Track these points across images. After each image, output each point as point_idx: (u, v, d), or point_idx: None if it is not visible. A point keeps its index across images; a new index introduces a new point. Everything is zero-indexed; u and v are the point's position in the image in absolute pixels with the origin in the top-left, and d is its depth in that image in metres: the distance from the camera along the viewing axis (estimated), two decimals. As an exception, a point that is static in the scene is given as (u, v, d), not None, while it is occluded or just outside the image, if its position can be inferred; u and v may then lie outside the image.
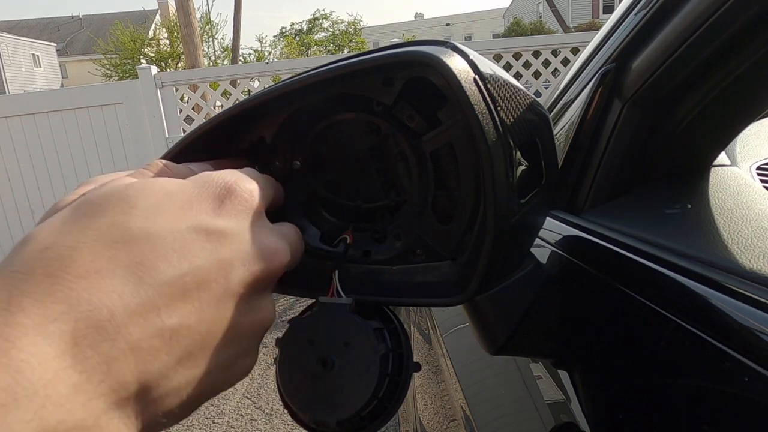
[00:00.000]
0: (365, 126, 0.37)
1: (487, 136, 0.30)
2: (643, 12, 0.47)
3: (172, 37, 19.09)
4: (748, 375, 0.27)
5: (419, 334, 0.97)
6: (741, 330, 0.29)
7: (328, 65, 0.33)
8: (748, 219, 0.40)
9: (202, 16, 20.05)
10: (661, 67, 0.45)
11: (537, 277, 0.40)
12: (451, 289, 0.36)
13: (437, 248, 0.37)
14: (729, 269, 0.33)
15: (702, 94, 0.47)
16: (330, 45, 30.39)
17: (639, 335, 0.37)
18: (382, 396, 0.33)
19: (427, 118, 0.35)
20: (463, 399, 0.61)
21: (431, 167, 0.36)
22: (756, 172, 0.58)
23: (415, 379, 0.95)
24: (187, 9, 8.33)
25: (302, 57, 24.73)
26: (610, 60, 0.51)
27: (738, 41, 0.41)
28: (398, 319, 0.36)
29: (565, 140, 0.55)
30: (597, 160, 0.52)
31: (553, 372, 0.45)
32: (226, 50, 22.15)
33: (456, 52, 0.32)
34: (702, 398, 0.30)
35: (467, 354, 0.66)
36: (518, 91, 0.35)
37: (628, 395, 0.36)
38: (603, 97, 0.51)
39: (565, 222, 0.52)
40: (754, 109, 0.51)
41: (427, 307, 0.81)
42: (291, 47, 28.47)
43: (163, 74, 4.15)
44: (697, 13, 0.41)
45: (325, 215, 0.40)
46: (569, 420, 0.41)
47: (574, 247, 0.48)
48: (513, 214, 0.33)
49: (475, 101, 0.30)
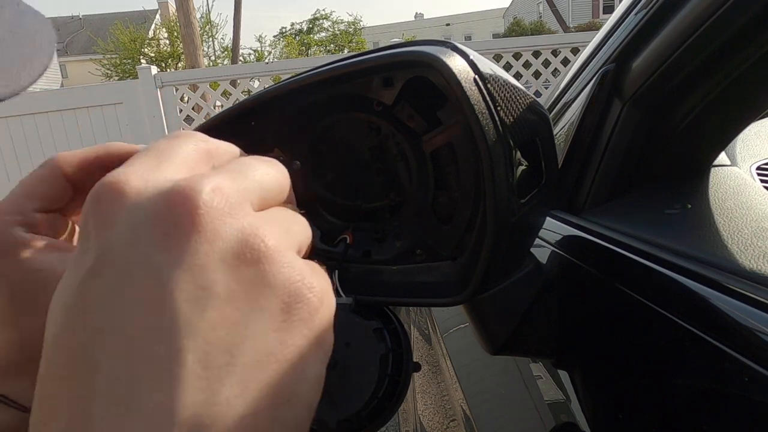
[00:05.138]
0: (365, 126, 0.37)
1: (487, 136, 0.30)
2: (643, 12, 0.47)
3: (172, 37, 19.09)
4: (748, 375, 0.27)
5: (419, 334, 0.97)
6: (741, 330, 0.29)
7: (328, 65, 0.33)
8: (748, 219, 0.40)
9: (202, 16, 20.04)
10: (661, 67, 0.45)
11: (537, 277, 0.40)
12: (451, 289, 0.36)
13: (437, 248, 0.37)
14: (729, 269, 0.33)
15: (702, 94, 0.47)
16: (330, 45, 30.38)
17: (639, 335, 0.37)
18: (382, 396, 0.33)
19: (427, 118, 0.35)
20: (463, 399, 0.61)
21: (431, 167, 0.36)
22: (756, 172, 0.58)
23: (415, 379, 0.95)
24: (187, 9, 8.33)
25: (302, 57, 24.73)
26: (610, 60, 0.51)
27: (738, 41, 0.41)
28: (398, 319, 0.36)
29: (565, 140, 0.55)
30: (597, 160, 0.52)
31: (553, 372, 0.45)
32: (226, 50, 22.15)
33: (456, 52, 0.32)
34: (702, 398, 0.30)
35: (467, 354, 0.66)
36: (518, 91, 0.35)
37: (628, 395, 0.36)
38: (603, 97, 0.51)
39: (565, 222, 0.52)
40: (754, 109, 0.51)
41: (427, 307, 0.81)
42: (291, 47, 28.48)
43: (163, 74, 4.15)
44: (697, 13, 0.41)
45: (325, 215, 0.40)
46: (569, 420, 0.41)
47: (574, 247, 0.48)
48: (513, 214, 0.33)
49: (475, 101, 0.30)
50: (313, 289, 0.19)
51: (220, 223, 0.18)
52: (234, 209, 0.18)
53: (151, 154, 0.20)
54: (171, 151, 0.20)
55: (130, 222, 0.17)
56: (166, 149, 0.20)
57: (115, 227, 0.18)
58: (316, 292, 0.19)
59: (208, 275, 0.17)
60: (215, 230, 0.17)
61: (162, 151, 0.20)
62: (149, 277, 0.17)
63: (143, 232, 0.17)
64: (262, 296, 0.18)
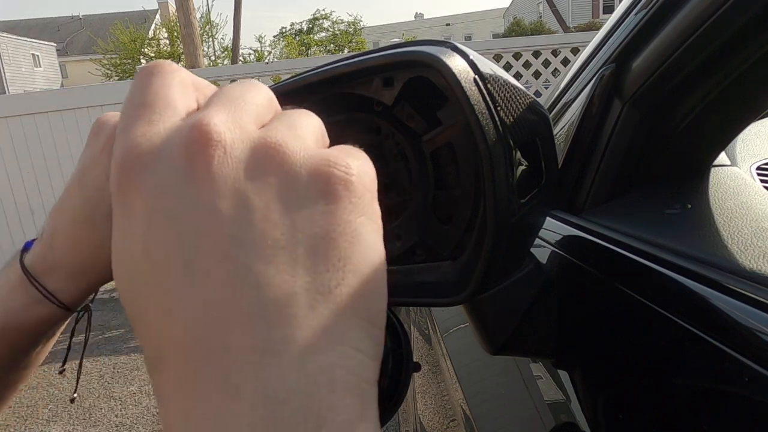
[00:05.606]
0: (365, 126, 0.37)
1: (487, 136, 0.30)
2: (643, 12, 0.47)
3: (172, 37, 19.10)
4: (748, 375, 0.27)
5: (419, 334, 0.97)
6: (741, 330, 0.29)
7: (329, 65, 0.33)
8: (748, 219, 0.40)
9: (202, 16, 20.05)
10: (661, 67, 0.45)
11: (537, 277, 0.40)
12: (451, 289, 0.36)
13: (437, 248, 0.37)
14: (729, 269, 0.33)
15: (702, 94, 0.47)
16: (330, 45, 30.37)
17: (639, 335, 0.37)
18: (383, 396, 0.33)
19: (427, 118, 0.35)
20: (463, 399, 0.61)
21: (431, 167, 0.36)
22: (756, 172, 0.58)
23: (415, 379, 0.95)
24: (187, 9, 8.33)
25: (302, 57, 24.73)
26: (610, 60, 0.51)
27: (738, 41, 0.41)
28: (398, 319, 0.36)
29: (565, 140, 0.55)
30: (597, 160, 0.52)
31: (553, 372, 0.45)
32: (226, 50, 22.15)
33: (456, 52, 0.32)
34: (702, 398, 0.30)
35: (467, 354, 0.66)
36: (518, 91, 0.35)
37: (627, 395, 0.36)
38: (603, 97, 0.51)
39: (565, 222, 0.52)
40: (754, 109, 0.51)
41: (427, 307, 0.81)
42: (291, 47, 28.47)
43: (163, 74, 4.14)
44: (697, 13, 0.41)
45: None
46: (569, 420, 0.41)
47: (574, 247, 0.48)
48: (513, 214, 0.33)
49: (475, 101, 0.30)
50: (340, 165, 0.20)
51: (232, 149, 0.19)
52: (241, 132, 0.20)
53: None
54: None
55: (160, 171, 0.19)
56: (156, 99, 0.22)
57: (148, 182, 0.19)
58: (343, 167, 0.20)
59: (242, 195, 0.18)
60: (234, 156, 0.19)
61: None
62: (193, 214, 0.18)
63: (174, 177, 0.19)
64: (297, 193, 0.19)
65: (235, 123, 0.20)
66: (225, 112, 0.20)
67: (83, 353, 0.43)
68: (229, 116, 0.20)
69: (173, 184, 0.18)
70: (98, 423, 2.45)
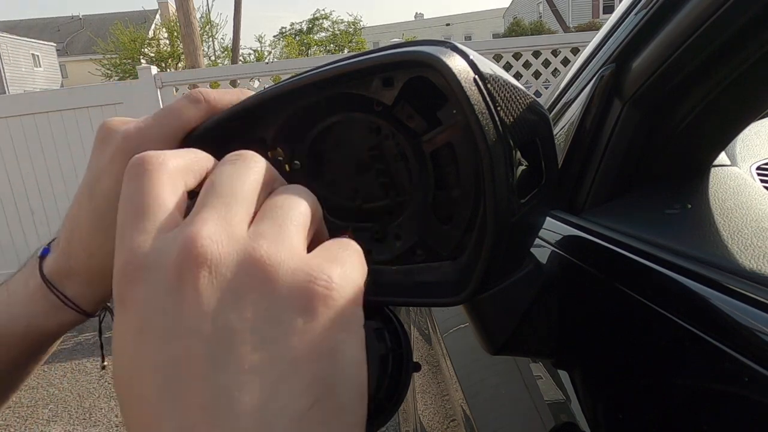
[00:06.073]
0: (365, 126, 0.37)
1: (487, 136, 0.30)
2: (643, 12, 0.47)
3: (172, 37, 19.09)
4: (748, 375, 0.27)
5: (419, 334, 0.97)
6: (741, 330, 0.29)
7: (328, 65, 0.33)
8: (748, 219, 0.40)
9: (202, 16, 20.05)
10: (661, 67, 0.45)
11: (537, 277, 0.40)
12: (451, 289, 0.36)
13: (437, 248, 0.37)
14: (729, 269, 0.33)
15: (702, 94, 0.47)
16: (330, 45, 30.37)
17: (639, 335, 0.37)
18: (382, 396, 0.33)
19: (427, 118, 0.35)
20: (463, 399, 0.61)
21: (431, 167, 0.36)
22: (756, 172, 0.58)
23: (415, 379, 0.95)
24: (187, 9, 8.33)
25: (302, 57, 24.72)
26: (610, 60, 0.51)
27: (738, 41, 0.41)
28: (398, 319, 0.36)
29: (565, 140, 0.55)
30: (597, 160, 0.52)
31: (553, 372, 0.45)
32: (226, 50, 22.16)
33: (456, 52, 0.32)
34: (702, 398, 0.30)
35: (467, 354, 0.66)
36: (518, 91, 0.35)
37: (627, 395, 0.36)
38: (603, 97, 0.51)
39: (565, 222, 0.52)
40: (754, 109, 0.51)
41: (427, 307, 0.81)
42: (291, 47, 28.47)
43: (163, 74, 4.14)
44: (697, 13, 0.41)
45: (325, 215, 0.40)
46: (569, 420, 0.41)
47: (574, 247, 0.48)
48: (513, 214, 0.33)
49: (475, 101, 0.30)
50: (320, 280, 0.20)
51: (218, 266, 0.20)
52: (228, 242, 0.20)
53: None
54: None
55: (151, 286, 0.20)
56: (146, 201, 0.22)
57: (143, 292, 0.20)
58: (323, 282, 0.20)
59: (224, 318, 0.19)
60: (220, 274, 0.20)
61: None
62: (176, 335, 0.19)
63: (166, 292, 0.19)
64: (277, 312, 0.19)
65: (223, 231, 0.20)
66: (214, 219, 0.20)
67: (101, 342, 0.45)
68: (218, 225, 0.20)
69: (162, 302, 0.19)
70: (98, 423, 2.45)
